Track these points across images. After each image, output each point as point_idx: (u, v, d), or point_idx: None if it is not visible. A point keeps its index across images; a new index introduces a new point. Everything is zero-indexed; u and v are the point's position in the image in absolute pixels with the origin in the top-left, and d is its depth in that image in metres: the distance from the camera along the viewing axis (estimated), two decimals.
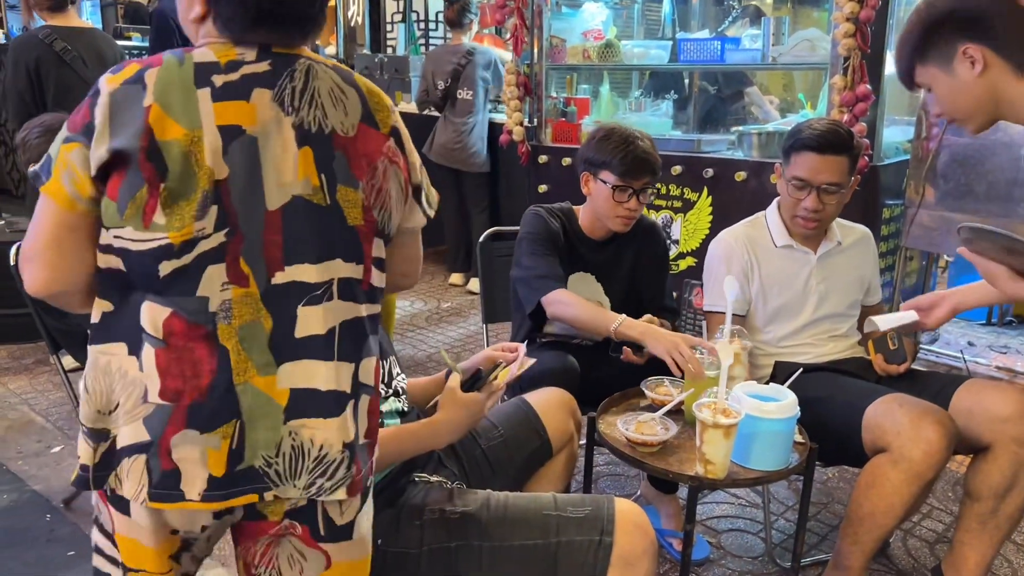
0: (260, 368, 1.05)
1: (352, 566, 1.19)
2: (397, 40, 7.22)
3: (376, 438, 1.18)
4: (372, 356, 1.15)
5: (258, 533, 1.14)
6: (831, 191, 2.05)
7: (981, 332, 4.20)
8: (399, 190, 1.14)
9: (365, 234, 1.11)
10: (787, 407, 1.65)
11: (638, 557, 1.41)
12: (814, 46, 3.41)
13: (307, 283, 1.07)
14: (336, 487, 1.09)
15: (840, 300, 2.19)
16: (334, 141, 1.07)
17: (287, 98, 1.05)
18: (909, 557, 2.30)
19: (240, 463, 1.05)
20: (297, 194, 1.05)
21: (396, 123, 1.14)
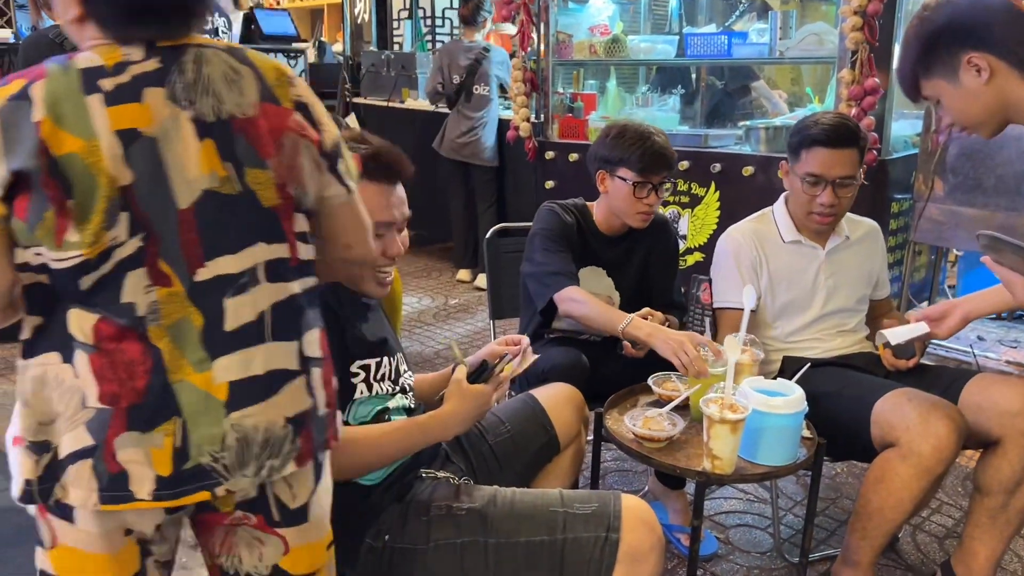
0: (195, 365, 1.04)
1: (311, 548, 1.19)
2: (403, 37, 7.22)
3: (335, 407, 1.18)
4: (314, 329, 1.15)
5: (214, 524, 1.15)
6: (846, 184, 2.05)
7: (992, 327, 4.18)
8: (312, 163, 1.11)
9: (283, 211, 1.09)
10: (794, 402, 1.65)
11: (645, 553, 1.41)
12: (821, 40, 3.39)
13: (231, 274, 1.06)
14: (284, 463, 1.09)
15: (849, 295, 2.18)
16: (233, 126, 1.04)
17: (180, 93, 1.03)
18: (918, 552, 2.30)
19: (186, 462, 1.04)
20: (206, 188, 1.03)
21: (301, 96, 1.10)
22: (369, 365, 1.49)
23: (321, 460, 1.19)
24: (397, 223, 1.50)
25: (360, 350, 1.48)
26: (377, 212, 1.45)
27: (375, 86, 6.05)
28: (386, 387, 1.52)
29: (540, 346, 2.23)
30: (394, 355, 1.57)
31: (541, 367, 2.05)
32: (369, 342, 1.50)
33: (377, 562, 1.46)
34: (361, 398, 1.48)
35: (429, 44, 6.87)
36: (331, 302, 1.45)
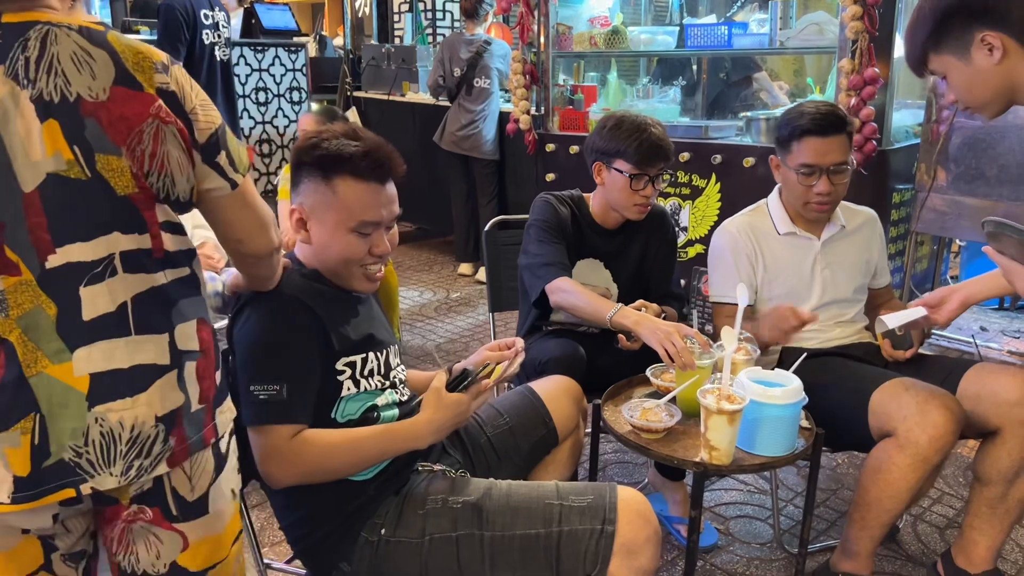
0: (52, 356, 1.00)
1: (213, 542, 1.17)
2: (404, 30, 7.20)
3: (211, 400, 1.13)
4: (189, 320, 1.11)
5: (113, 518, 1.11)
6: (840, 171, 2.04)
7: (994, 317, 4.16)
8: (181, 153, 1.06)
9: (142, 201, 1.05)
10: (792, 392, 1.64)
11: (640, 545, 1.40)
12: (822, 29, 3.38)
13: (83, 262, 1.01)
14: (155, 464, 1.06)
15: (846, 285, 2.17)
16: (82, 108, 0.99)
17: (21, 70, 0.97)
18: (919, 543, 2.29)
19: (47, 459, 1.01)
20: (51, 171, 0.99)
21: (166, 83, 1.05)
22: (355, 362, 1.48)
23: (222, 449, 1.16)
24: (385, 222, 1.48)
25: (345, 347, 1.47)
26: (365, 211, 1.44)
27: (376, 80, 6.04)
28: (375, 383, 1.52)
29: (538, 338, 2.23)
30: (383, 349, 1.55)
31: (539, 359, 2.06)
32: (354, 339, 1.49)
33: (373, 556, 1.46)
34: (348, 395, 1.47)
35: (430, 37, 6.86)
36: (311, 301, 1.44)
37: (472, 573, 1.43)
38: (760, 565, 2.19)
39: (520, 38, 4.33)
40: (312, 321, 1.43)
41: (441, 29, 7.06)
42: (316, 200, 1.46)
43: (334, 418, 1.46)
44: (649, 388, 1.92)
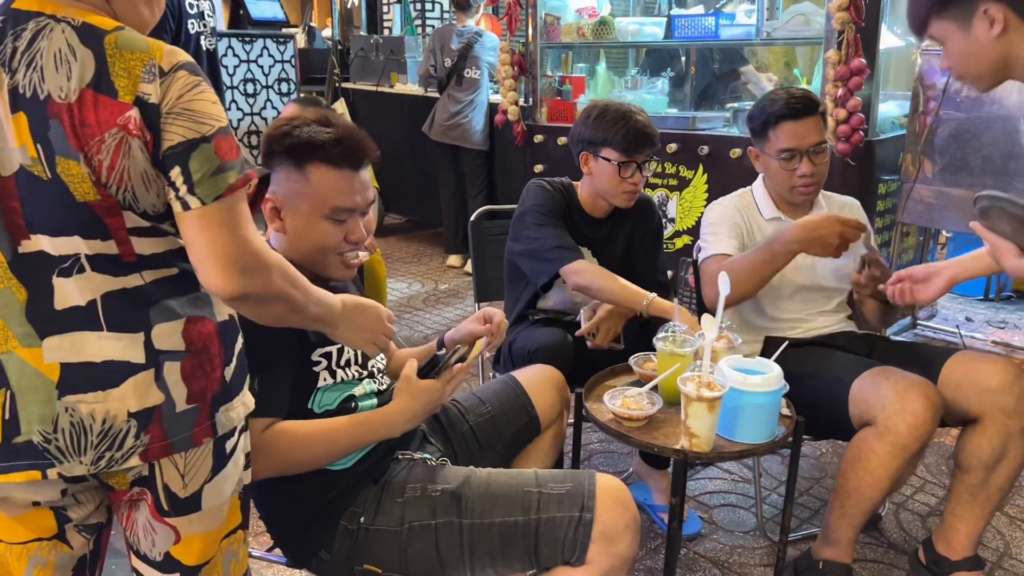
0: (22, 339, 1.01)
1: (207, 537, 1.17)
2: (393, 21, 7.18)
3: (208, 399, 1.11)
4: (174, 320, 1.08)
5: (119, 498, 1.13)
6: (820, 151, 2.06)
7: (980, 308, 4.19)
8: (145, 168, 1.01)
9: (103, 208, 1.01)
10: (772, 380, 1.64)
11: (619, 532, 1.40)
12: (808, 20, 3.38)
13: (52, 255, 1.01)
14: (127, 456, 1.06)
15: (826, 271, 2.16)
16: (49, 108, 0.97)
17: (7, 57, 0.98)
18: (901, 531, 2.31)
19: (17, 435, 1.02)
20: (22, 163, 0.98)
21: (148, 94, 0.99)
22: (331, 352, 1.48)
23: (226, 448, 1.15)
24: (360, 208, 1.48)
25: (320, 338, 1.45)
26: (339, 198, 1.43)
27: (364, 71, 6.01)
28: (352, 373, 1.51)
29: (525, 327, 2.23)
30: None
31: (527, 348, 2.06)
32: None
33: (352, 544, 1.46)
34: (325, 385, 1.47)
35: (419, 28, 6.83)
36: None
37: (451, 561, 1.43)
38: (743, 553, 2.20)
39: (508, 29, 4.32)
40: None
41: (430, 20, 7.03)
42: (289, 189, 1.44)
43: (311, 409, 1.46)
44: (633, 377, 1.93)
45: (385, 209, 5.90)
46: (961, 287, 4.36)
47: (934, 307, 4.12)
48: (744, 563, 2.16)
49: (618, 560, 1.40)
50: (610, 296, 2.06)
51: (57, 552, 1.13)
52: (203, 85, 1.04)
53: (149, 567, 1.18)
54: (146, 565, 1.18)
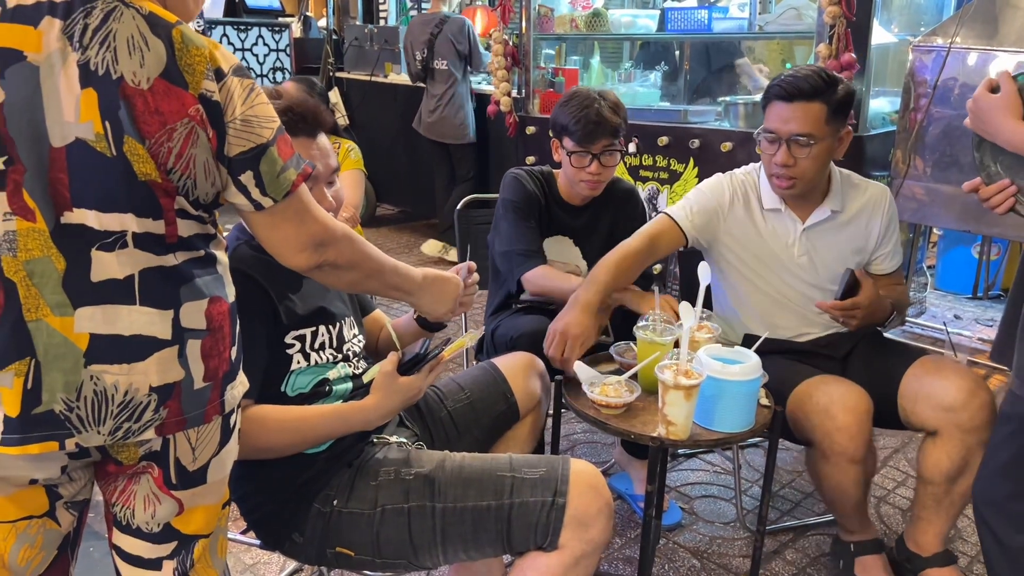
0: (54, 308, 1.01)
1: (207, 510, 1.19)
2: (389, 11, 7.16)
3: (219, 378, 1.13)
4: (199, 300, 1.10)
5: (118, 472, 1.13)
6: (801, 143, 1.86)
7: (968, 306, 4.19)
8: (207, 161, 1.06)
9: (161, 189, 1.04)
10: (750, 369, 1.64)
11: (592, 517, 1.40)
12: (800, 14, 3.38)
13: (96, 229, 1.02)
14: (143, 428, 1.07)
15: (824, 274, 2.03)
16: (122, 89, 1.00)
17: (77, 33, 0.99)
18: (882, 524, 2.31)
19: (37, 405, 1.01)
20: (80, 137, 0.99)
21: (212, 91, 1.04)
22: (304, 335, 1.47)
23: (230, 424, 1.18)
24: (323, 176, 1.47)
25: (293, 320, 1.45)
26: None
27: (358, 61, 6.00)
28: (326, 356, 1.51)
29: (508, 315, 2.23)
30: (335, 322, 1.54)
31: (510, 335, 2.06)
32: (302, 312, 1.47)
33: (325, 527, 1.45)
34: (299, 368, 1.46)
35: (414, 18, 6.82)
36: (258, 274, 1.42)
37: (423, 544, 1.42)
38: (722, 544, 2.20)
39: (502, 19, 4.31)
40: (258, 295, 1.41)
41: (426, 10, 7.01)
42: None
43: (284, 392, 1.45)
44: (613, 366, 1.92)
45: (377, 199, 5.89)
46: (948, 284, 4.37)
47: (922, 304, 4.13)
48: (723, 554, 2.16)
49: (590, 545, 1.40)
50: (564, 297, 2.04)
51: (46, 530, 1.14)
52: (257, 87, 1.10)
53: (140, 540, 1.18)
54: (136, 539, 1.18)
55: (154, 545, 1.18)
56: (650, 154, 3.88)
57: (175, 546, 1.18)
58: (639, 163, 3.94)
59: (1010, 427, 1.54)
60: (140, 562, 1.19)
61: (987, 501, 1.60)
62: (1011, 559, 1.56)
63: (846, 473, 1.80)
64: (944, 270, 4.43)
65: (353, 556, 1.46)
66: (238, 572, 2.05)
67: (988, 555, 1.62)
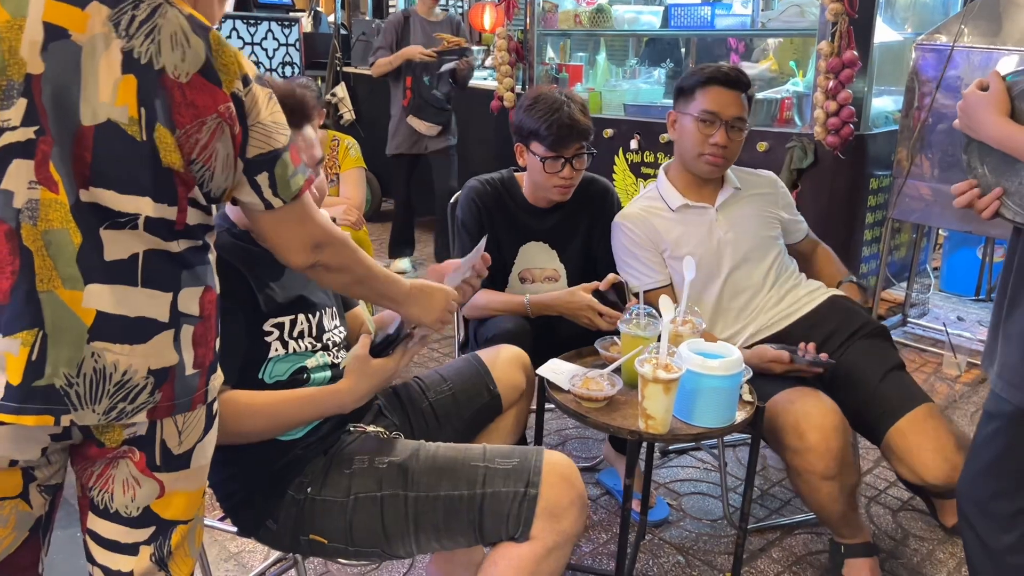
0: (65, 280, 1.03)
1: (187, 496, 1.20)
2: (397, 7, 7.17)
3: (206, 366, 1.16)
4: (196, 287, 1.14)
5: (97, 456, 1.14)
6: (738, 127, 2.03)
7: (972, 307, 4.15)
8: (227, 156, 1.11)
9: (182, 176, 1.08)
10: (731, 364, 1.63)
11: (564, 509, 1.40)
12: (803, 11, 3.36)
13: (110, 209, 1.04)
14: (137, 410, 1.08)
15: (750, 238, 2.12)
16: (162, 79, 1.04)
17: (124, 22, 1.03)
18: (872, 524, 2.29)
19: (39, 378, 1.03)
20: (113, 119, 1.03)
21: (242, 91, 1.10)
22: (283, 323, 1.47)
23: (213, 411, 1.19)
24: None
25: (272, 308, 1.46)
26: None
27: (366, 55, 5.99)
28: (305, 344, 1.51)
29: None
30: (315, 311, 1.54)
31: (488, 333, 2.05)
32: (281, 300, 1.48)
33: (299, 514, 1.45)
34: (276, 356, 1.46)
35: None
36: (237, 262, 1.43)
37: (396, 532, 1.42)
38: (708, 541, 2.19)
39: (506, 15, 4.30)
40: (237, 282, 1.42)
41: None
42: None
43: (262, 379, 1.45)
44: (597, 359, 1.92)
45: (383, 194, 5.90)
46: (953, 286, 4.33)
47: (925, 305, 4.10)
48: (708, 550, 2.15)
49: (562, 537, 1.40)
50: (497, 310, 2.09)
51: (19, 511, 1.14)
52: (274, 96, 1.17)
53: (118, 524, 1.18)
54: (113, 523, 1.18)
55: (131, 529, 1.18)
56: (652, 151, 3.87)
57: (153, 531, 1.19)
58: (641, 160, 3.93)
59: (992, 426, 1.53)
60: (116, 547, 1.19)
61: (971, 501, 1.58)
62: (994, 561, 1.54)
63: (820, 490, 1.80)
64: (949, 272, 4.39)
65: (326, 544, 1.46)
66: (222, 560, 2.06)
67: (971, 556, 1.60)
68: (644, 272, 2.11)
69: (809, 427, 1.76)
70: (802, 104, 3.55)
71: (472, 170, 2.47)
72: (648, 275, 2.10)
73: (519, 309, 2.07)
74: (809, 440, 1.76)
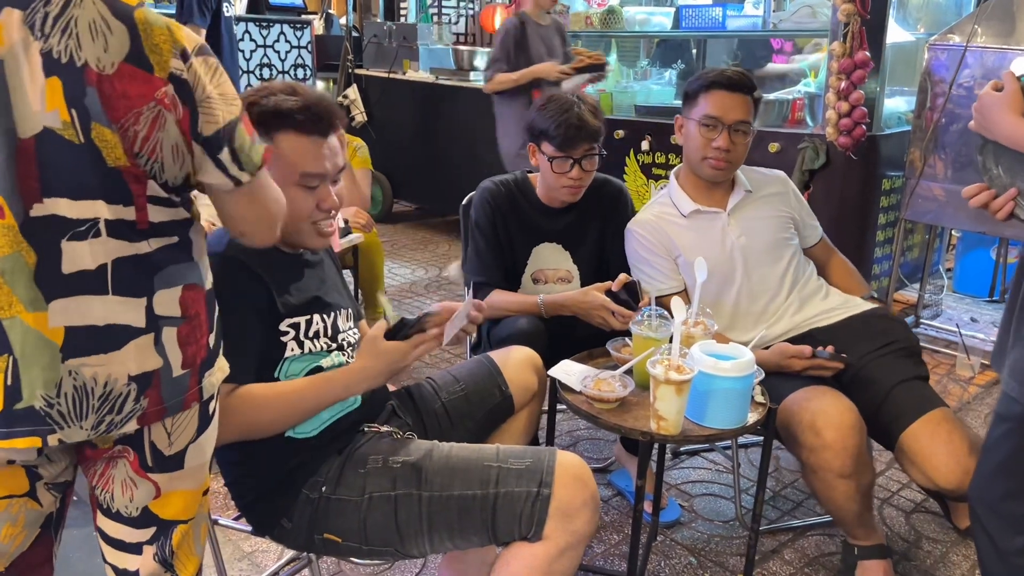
0: (28, 304, 1.01)
1: (185, 496, 1.20)
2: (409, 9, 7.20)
3: (197, 365, 1.15)
4: (173, 287, 1.11)
5: (95, 456, 1.15)
6: (741, 130, 2.03)
7: (986, 309, 4.13)
8: (175, 144, 1.06)
9: (131, 175, 1.05)
10: (743, 365, 1.63)
11: (577, 509, 1.40)
12: (815, 12, 3.35)
13: (68, 218, 1.01)
14: (125, 420, 1.08)
15: (764, 241, 2.12)
16: (86, 76, 0.99)
17: (39, 22, 0.98)
18: (885, 526, 2.29)
19: (19, 401, 1.02)
20: (48, 126, 0.99)
21: (180, 70, 1.04)
22: (299, 323, 1.48)
23: (209, 410, 1.19)
24: (330, 175, 1.48)
25: (288, 309, 1.47)
26: (308, 163, 1.44)
27: (377, 57, 6.03)
28: (320, 344, 1.52)
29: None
30: (330, 312, 1.55)
31: (503, 334, 2.06)
32: (297, 301, 1.49)
33: (313, 513, 1.47)
34: (292, 356, 1.47)
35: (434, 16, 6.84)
36: (254, 264, 1.44)
37: (410, 532, 1.43)
38: (720, 542, 2.19)
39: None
40: (254, 283, 1.43)
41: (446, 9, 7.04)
42: None
43: (277, 378, 1.47)
44: (609, 361, 1.92)
45: (394, 196, 5.92)
46: (966, 287, 4.31)
47: (938, 307, 4.08)
48: (720, 552, 2.15)
49: (575, 537, 1.40)
50: (511, 311, 2.12)
51: (27, 509, 1.16)
52: (220, 66, 1.11)
53: (121, 524, 1.20)
54: (117, 523, 1.20)
55: (133, 529, 1.20)
56: (663, 152, 3.87)
57: (154, 531, 1.20)
58: (652, 161, 3.93)
59: (1003, 428, 1.52)
60: (122, 545, 1.21)
61: (982, 502, 1.58)
62: (1006, 562, 1.54)
63: (835, 488, 1.80)
64: (963, 273, 4.37)
65: (341, 543, 1.47)
66: (236, 559, 2.08)
67: (983, 558, 1.60)
68: (657, 278, 2.11)
69: (826, 424, 1.76)
70: (814, 105, 3.55)
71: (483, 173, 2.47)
72: (661, 281, 2.11)
73: (533, 309, 2.09)
74: (826, 437, 1.76)
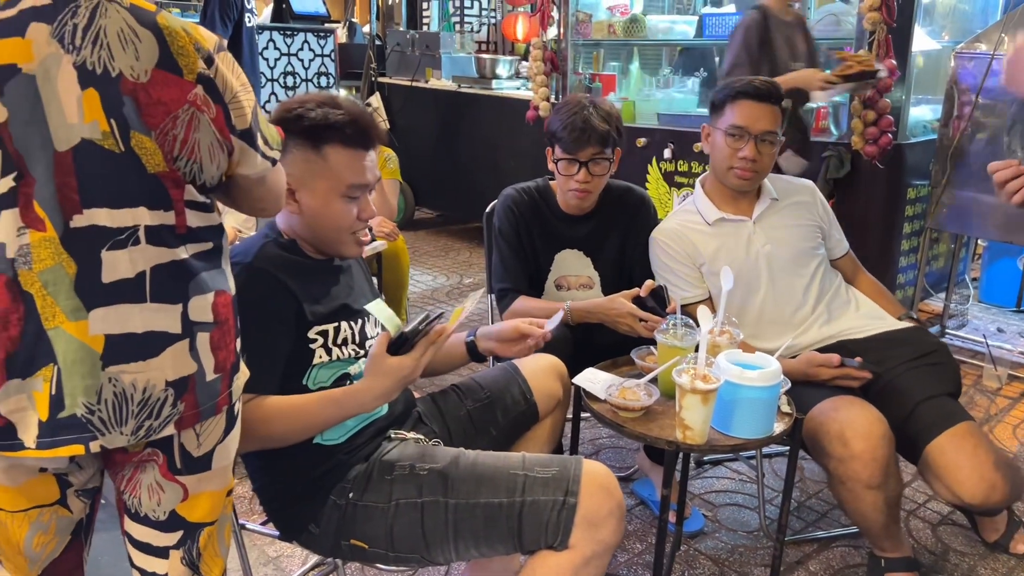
0: (69, 313, 1.03)
1: (212, 497, 1.21)
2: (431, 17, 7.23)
3: (228, 369, 1.16)
4: (206, 293, 1.13)
5: (125, 461, 1.16)
6: (768, 140, 2.03)
7: (1013, 319, 4.08)
8: (212, 141, 1.09)
9: (171, 180, 1.07)
10: (770, 375, 1.62)
11: (603, 518, 1.40)
12: (839, 20, 3.34)
13: (108, 227, 1.03)
14: (164, 424, 1.09)
15: (789, 250, 2.11)
16: (122, 85, 1.01)
17: (68, 35, 0.99)
18: (911, 538, 2.26)
19: (61, 410, 1.04)
20: (86, 137, 1.01)
21: (206, 70, 1.07)
22: (327, 331, 1.49)
23: (234, 411, 1.21)
24: (371, 185, 1.51)
25: (317, 317, 1.48)
26: (355, 175, 1.47)
27: (400, 66, 6.06)
28: (348, 351, 1.53)
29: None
30: (357, 319, 1.56)
31: None
32: (325, 309, 1.50)
33: (340, 519, 1.48)
34: (321, 363, 1.48)
35: (456, 25, 6.87)
36: (281, 273, 1.45)
37: (436, 539, 1.44)
38: (744, 553, 2.18)
39: (541, 25, 4.33)
40: (280, 293, 1.44)
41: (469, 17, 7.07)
42: (306, 169, 1.47)
43: (306, 385, 1.48)
44: (634, 369, 1.92)
45: (416, 203, 5.95)
46: (992, 297, 4.26)
47: (964, 316, 4.04)
48: (744, 562, 2.14)
49: (601, 546, 1.40)
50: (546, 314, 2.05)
51: (58, 517, 1.18)
52: (233, 59, 1.15)
53: (148, 528, 1.21)
54: (145, 527, 1.21)
55: (161, 533, 1.21)
56: (686, 160, 3.87)
57: (181, 535, 1.22)
58: (674, 169, 3.93)
59: None
60: (150, 549, 1.23)
61: None
62: None
63: (863, 499, 1.79)
64: (989, 282, 4.32)
65: (367, 549, 1.48)
66: (261, 564, 2.09)
67: None
68: (682, 287, 2.11)
69: (854, 435, 1.75)
70: (838, 113, 3.53)
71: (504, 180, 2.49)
72: (686, 290, 2.11)
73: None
74: (854, 448, 1.74)
